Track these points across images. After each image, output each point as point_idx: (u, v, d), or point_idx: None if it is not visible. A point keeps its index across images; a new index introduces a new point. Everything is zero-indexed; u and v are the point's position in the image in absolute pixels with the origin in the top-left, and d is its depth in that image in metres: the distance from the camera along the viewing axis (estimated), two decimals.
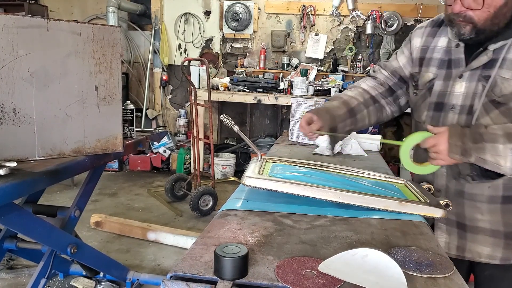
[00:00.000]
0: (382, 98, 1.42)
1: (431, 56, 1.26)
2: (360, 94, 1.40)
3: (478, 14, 1.07)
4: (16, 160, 1.35)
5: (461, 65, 1.18)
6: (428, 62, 1.27)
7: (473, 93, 1.15)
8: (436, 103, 1.23)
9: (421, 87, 1.29)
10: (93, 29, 1.51)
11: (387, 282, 0.67)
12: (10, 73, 1.34)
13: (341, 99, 1.38)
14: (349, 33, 5.09)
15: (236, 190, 1.20)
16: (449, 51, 1.22)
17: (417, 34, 1.33)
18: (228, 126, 1.24)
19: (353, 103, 1.36)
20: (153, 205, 3.96)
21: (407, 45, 1.36)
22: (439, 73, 1.23)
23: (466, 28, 1.10)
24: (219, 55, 5.37)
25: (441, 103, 1.22)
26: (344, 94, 1.43)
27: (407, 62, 1.36)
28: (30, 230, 1.57)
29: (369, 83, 1.44)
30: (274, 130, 5.48)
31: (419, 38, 1.32)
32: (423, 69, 1.28)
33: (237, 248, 0.71)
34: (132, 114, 2.07)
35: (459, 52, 1.19)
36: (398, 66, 1.39)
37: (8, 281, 2.48)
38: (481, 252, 1.22)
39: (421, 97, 1.29)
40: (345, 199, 1.04)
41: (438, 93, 1.23)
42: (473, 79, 1.15)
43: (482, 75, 1.13)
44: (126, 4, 5.13)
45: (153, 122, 5.53)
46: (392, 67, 1.41)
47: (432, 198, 1.13)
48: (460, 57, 1.18)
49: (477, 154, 1.04)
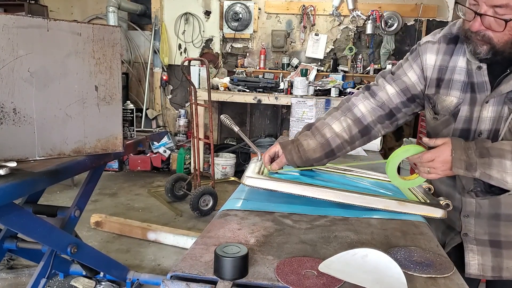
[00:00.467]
0: (378, 123, 1.27)
1: (451, 77, 1.14)
2: (349, 128, 1.24)
3: (498, 36, 0.98)
4: (16, 160, 1.35)
5: (486, 89, 1.08)
6: (448, 85, 1.15)
7: (499, 117, 1.07)
8: (462, 129, 1.13)
9: (443, 112, 1.17)
10: (93, 29, 1.51)
11: (387, 282, 0.67)
12: (10, 73, 1.34)
13: (322, 138, 1.22)
14: (349, 33, 5.09)
15: (236, 190, 1.20)
16: (471, 73, 1.11)
17: (430, 50, 1.19)
18: (228, 126, 1.24)
19: (336, 142, 1.23)
20: (153, 205, 3.96)
21: (417, 61, 1.21)
22: (464, 98, 1.12)
23: (482, 47, 1.02)
24: (219, 55, 5.37)
25: (468, 130, 1.12)
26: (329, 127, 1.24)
27: (419, 80, 1.22)
28: (30, 230, 1.57)
29: (368, 106, 1.26)
30: (274, 130, 5.48)
31: (433, 56, 1.18)
32: (442, 91, 1.16)
33: (237, 248, 0.71)
34: (132, 114, 2.07)
35: (483, 75, 1.08)
36: (410, 84, 1.22)
37: (8, 281, 2.48)
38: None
39: (444, 122, 1.17)
40: (345, 199, 1.04)
41: (464, 119, 1.12)
42: (500, 103, 1.07)
43: (508, 98, 1.05)
44: (126, 4, 5.13)
45: (153, 122, 5.53)
46: (404, 84, 1.23)
47: (432, 198, 1.13)
48: (484, 80, 1.08)
49: (482, 169, 0.98)
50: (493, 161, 0.98)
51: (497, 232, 1.15)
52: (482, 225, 1.16)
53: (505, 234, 1.15)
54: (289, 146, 1.20)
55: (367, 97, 1.27)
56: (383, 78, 1.28)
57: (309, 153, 1.20)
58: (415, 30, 4.91)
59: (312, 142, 1.21)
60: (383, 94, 1.25)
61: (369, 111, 1.26)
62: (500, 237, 1.15)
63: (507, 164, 0.97)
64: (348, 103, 1.29)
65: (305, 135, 1.24)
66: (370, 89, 1.29)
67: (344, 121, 1.25)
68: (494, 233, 1.16)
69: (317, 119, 1.30)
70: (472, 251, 1.19)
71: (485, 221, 1.15)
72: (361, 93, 1.30)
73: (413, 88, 1.23)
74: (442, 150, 1.01)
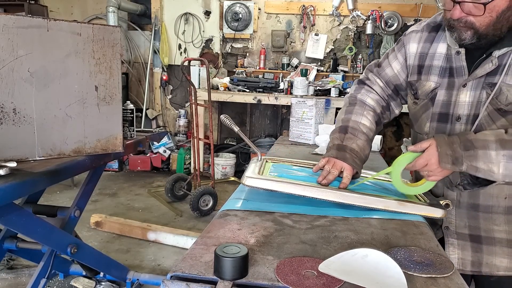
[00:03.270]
0: (383, 114, 1.35)
1: (431, 63, 1.19)
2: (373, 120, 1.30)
3: (479, 20, 1.01)
4: (16, 160, 1.35)
5: (464, 74, 1.12)
6: (428, 70, 1.20)
7: (477, 102, 1.10)
8: (440, 113, 1.17)
9: (422, 97, 1.22)
10: (93, 29, 1.51)
11: (387, 282, 0.67)
12: (10, 73, 1.34)
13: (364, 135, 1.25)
14: (349, 33, 5.09)
15: (236, 190, 1.20)
16: (450, 59, 1.15)
17: (413, 39, 1.25)
18: (228, 126, 1.24)
19: (371, 135, 1.28)
20: (153, 205, 3.96)
21: (401, 50, 1.28)
22: (441, 82, 1.17)
23: (467, 33, 1.04)
24: (219, 55, 5.37)
25: (446, 114, 1.16)
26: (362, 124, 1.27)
27: (402, 69, 1.28)
28: (30, 230, 1.57)
29: (373, 98, 1.33)
30: (274, 130, 5.48)
31: (415, 44, 1.24)
32: (423, 77, 1.21)
33: (237, 248, 0.71)
34: (132, 114, 2.07)
35: (460, 60, 1.12)
36: (392, 74, 1.31)
37: (8, 281, 2.48)
38: (499, 264, 1.15)
39: (422, 107, 1.22)
40: (345, 199, 1.04)
41: (442, 103, 1.16)
42: (478, 87, 1.09)
43: (486, 83, 1.08)
44: (126, 4, 5.13)
45: (153, 122, 5.53)
46: (387, 76, 1.32)
47: (432, 198, 1.13)
48: (462, 65, 1.12)
49: (469, 162, 0.99)
50: (478, 152, 0.99)
51: (476, 225, 1.17)
52: (462, 217, 1.18)
53: (485, 229, 1.16)
54: (347, 155, 1.18)
55: (368, 90, 1.35)
56: (371, 72, 1.37)
57: (363, 153, 1.22)
58: None
59: (360, 143, 1.23)
60: (377, 88, 1.35)
61: (376, 102, 1.33)
62: (480, 231, 1.16)
63: (492, 155, 0.98)
64: (358, 99, 1.34)
65: (349, 139, 1.23)
66: (366, 84, 1.37)
67: (368, 115, 1.30)
68: (474, 227, 1.17)
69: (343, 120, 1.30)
70: (452, 245, 1.20)
71: (465, 212, 1.17)
72: (361, 88, 1.36)
73: (395, 78, 1.31)
74: (430, 153, 1.03)
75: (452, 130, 1.15)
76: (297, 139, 2.04)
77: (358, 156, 1.20)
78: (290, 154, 1.72)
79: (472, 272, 1.19)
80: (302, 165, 1.35)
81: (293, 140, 2.05)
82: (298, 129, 2.04)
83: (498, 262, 1.16)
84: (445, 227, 1.21)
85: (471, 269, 1.19)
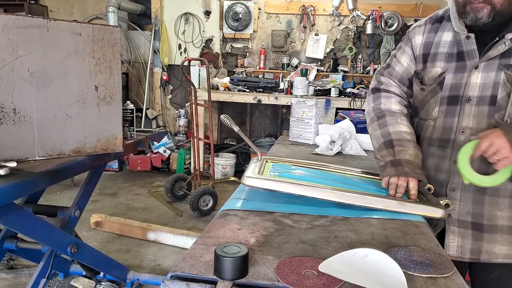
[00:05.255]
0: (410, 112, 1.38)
1: (436, 51, 1.24)
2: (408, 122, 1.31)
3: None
4: (16, 160, 1.35)
5: (475, 56, 1.16)
6: (434, 58, 1.24)
7: (494, 83, 1.12)
8: (449, 96, 1.20)
9: (429, 82, 1.25)
10: (93, 29, 1.51)
11: (387, 282, 0.67)
12: (10, 73, 1.34)
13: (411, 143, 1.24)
14: (349, 33, 5.09)
15: (236, 190, 1.20)
16: (459, 43, 1.19)
17: (417, 32, 1.31)
18: (228, 126, 1.24)
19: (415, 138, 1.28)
20: (153, 205, 3.96)
21: (408, 44, 1.33)
22: (448, 67, 1.21)
23: (483, 11, 1.08)
24: (219, 55, 5.37)
25: (456, 96, 1.18)
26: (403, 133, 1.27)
27: (411, 61, 1.32)
28: (30, 230, 1.57)
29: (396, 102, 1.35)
30: (274, 130, 5.48)
31: (420, 36, 1.29)
32: (428, 65, 1.26)
33: (237, 248, 0.71)
34: (132, 114, 2.07)
35: (471, 44, 1.16)
36: (403, 70, 1.34)
37: (8, 281, 2.48)
38: (499, 252, 1.18)
39: (430, 92, 1.25)
40: (345, 199, 1.04)
41: (451, 86, 1.20)
42: (491, 69, 1.13)
43: (503, 64, 1.11)
44: (126, 4, 5.13)
45: (153, 122, 5.53)
46: (399, 74, 1.36)
47: (432, 198, 1.13)
48: (473, 48, 1.16)
49: None
50: None
51: (480, 212, 1.18)
52: (467, 201, 1.19)
53: (488, 216, 1.17)
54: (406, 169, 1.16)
55: (387, 96, 1.37)
56: (382, 75, 1.40)
57: (418, 160, 1.21)
58: None
59: (411, 151, 1.22)
60: (394, 89, 1.37)
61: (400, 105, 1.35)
62: (483, 219, 1.18)
63: None
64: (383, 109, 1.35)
65: (400, 152, 1.22)
66: (381, 90, 1.38)
67: (403, 121, 1.31)
68: (477, 214, 1.18)
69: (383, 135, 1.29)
70: (453, 233, 1.22)
71: (471, 196, 1.18)
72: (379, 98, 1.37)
73: (407, 72, 1.34)
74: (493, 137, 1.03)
75: (461, 111, 1.17)
76: (297, 139, 2.04)
77: (415, 165, 1.18)
78: (290, 154, 1.72)
79: (471, 259, 1.21)
80: (302, 165, 1.35)
81: (293, 140, 2.05)
82: (298, 129, 2.04)
83: (497, 249, 1.18)
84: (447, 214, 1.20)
85: (469, 257, 1.21)
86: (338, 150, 1.77)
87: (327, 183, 1.13)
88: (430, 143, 1.27)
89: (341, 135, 1.81)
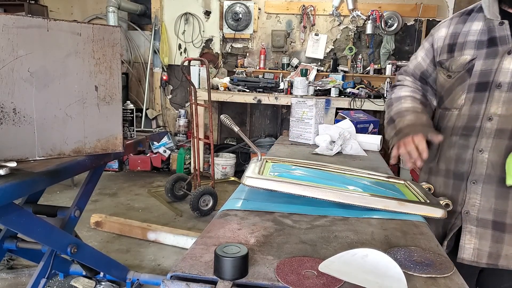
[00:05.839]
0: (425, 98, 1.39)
1: (464, 40, 1.21)
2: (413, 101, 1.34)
3: None
4: (16, 160, 1.35)
5: (508, 42, 1.13)
6: (462, 46, 1.22)
7: None
8: (478, 83, 1.16)
9: (457, 69, 1.22)
10: (93, 29, 1.51)
11: (387, 282, 0.67)
12: (10, 73, 1.34)
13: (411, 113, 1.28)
14: (349, 33, 5.09)
15: (236, 190, 1.20)
16: (490, 30, 1.16)
17: (442, 26, 1.31)
18: (228, 126, 1.24)
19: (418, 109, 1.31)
20: (153, 205, 3.96)
21: (428, 39, 1.34)
22: (478, 54, 1.17)
23: None
24: (219, 55, 5.37)
25: (485, 83, 1.15)
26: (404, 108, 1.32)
27: (426, 55, 1.34)
28: (30, 230, 1.57)
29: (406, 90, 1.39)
30: (274, 130, 5.48)
31: (444, 29, 1.29)
32: (456, 54, 1.23)
33: (237, 248, 0.71)
34: (132, 114, 2.07)
35: (505, 29, 1.14)
36: (416, 64, 1.38)
37: (8, 281, 2.48)
38: None
39: (458, 79, 1.22)
40: (345, 199, 1.04)
41: (480, 72, 1.16)
42: None
43: None
44: (126, 4, 5.13)
45: (153, 122, 5.53)
46: (411, 70, 1.40)
47: (432, 198, 1.13)
48: (506, 34, 1.13)
49: None
50: None
51: (503, 208, 1.10)
52: (489, 196, 1.12)
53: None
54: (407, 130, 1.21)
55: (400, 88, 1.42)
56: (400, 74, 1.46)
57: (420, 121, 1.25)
58: (415, 30, 4.91)
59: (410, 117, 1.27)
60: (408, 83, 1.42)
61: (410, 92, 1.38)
62: (506, 217, 1.10)
63: None
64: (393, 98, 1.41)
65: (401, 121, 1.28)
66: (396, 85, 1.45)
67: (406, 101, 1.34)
68: (500, 211, 1.10)
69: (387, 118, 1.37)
70: (470, 232, 1.14)
71: (494, 189, 1.11)
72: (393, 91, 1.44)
73: (419, 66, 1.37)
74: None
75: (490, 97, 1.13)
76: (297, 139, 2.04)
77: (417, 123, 1.22)
78: (290, 154, 1.72)
79: (487, 265, 1.12)
80: (302, 165, 1.35)
81: (293, 140, 2.05)
82: (298, 129, 2.03)
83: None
84: (465, 211, 1.15)
85: (486, 262, 1.12)
86: (338, 150, 1.77)
87: (327, 183, 1.13)
88: (453, 133, 1.22)
89: (341, 135, 1.81)
